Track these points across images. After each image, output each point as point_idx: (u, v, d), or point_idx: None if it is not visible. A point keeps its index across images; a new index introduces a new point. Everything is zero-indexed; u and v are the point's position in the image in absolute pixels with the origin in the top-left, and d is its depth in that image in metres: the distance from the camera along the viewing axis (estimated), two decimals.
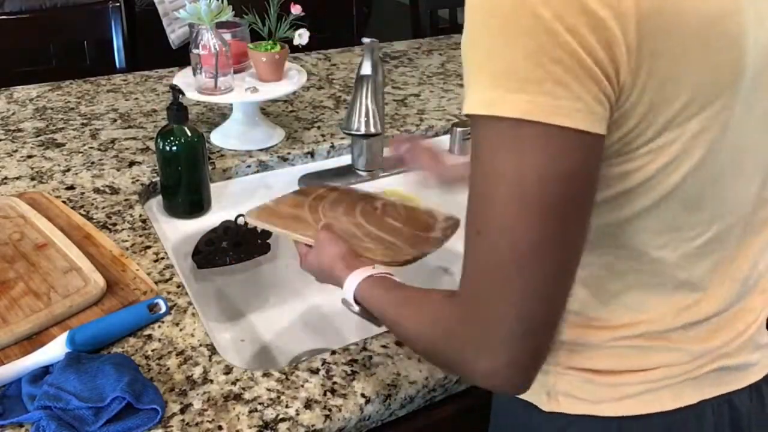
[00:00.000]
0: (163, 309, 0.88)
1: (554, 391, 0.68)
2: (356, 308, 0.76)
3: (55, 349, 0.78)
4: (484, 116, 0.51)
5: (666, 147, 0.56)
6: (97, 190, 1.16)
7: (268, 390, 0.78)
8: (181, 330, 0.86)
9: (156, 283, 0.93)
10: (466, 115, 0.54)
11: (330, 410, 0.76)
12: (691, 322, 0.66)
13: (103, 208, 1.11)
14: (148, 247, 1.02)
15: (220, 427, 0.73)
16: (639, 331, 0.65)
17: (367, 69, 1.14)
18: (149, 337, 0.85)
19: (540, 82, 0.49)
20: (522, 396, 0.70)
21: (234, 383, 0.79)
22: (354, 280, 0.76)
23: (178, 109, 1.06)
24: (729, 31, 0.54)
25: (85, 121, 1.41)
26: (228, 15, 1.19)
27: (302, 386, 0.79)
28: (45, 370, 0.78)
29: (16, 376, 0.77)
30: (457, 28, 2.21)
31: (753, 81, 0.58)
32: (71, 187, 1.17)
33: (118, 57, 1.78)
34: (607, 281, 0.64)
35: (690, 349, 0.66)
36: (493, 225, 0.53)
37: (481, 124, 0.52)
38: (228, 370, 0.81)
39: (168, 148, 1.07)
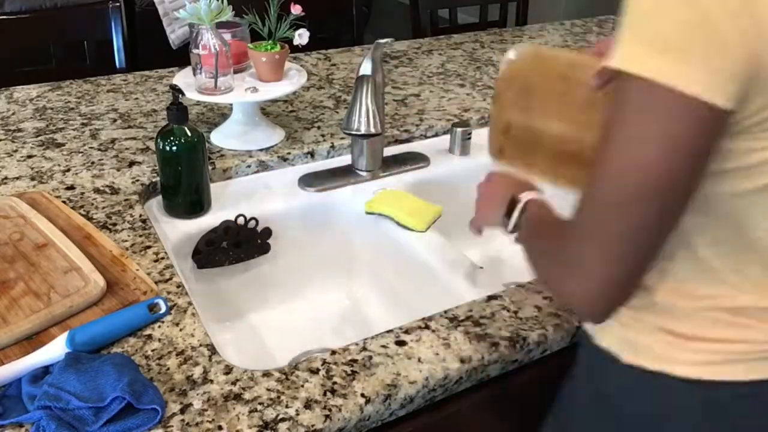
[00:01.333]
0: (163, 309, 0.88)
1: (636, 345, 0.72)
2: (514, 222, 0.83)
3: (55, 349, 0.79)
4: (624, 71, 0.57)
5: None
6: (97, 190, 1.16)
7: (268, 390, 0.78)
8: (181, 330, 0.86)
9: (156, 283, 0.93)
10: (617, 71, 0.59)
11: (330, 410, 0.76)
12: None
13: (103, 208, 1.11)
14: (148, 247, 1.02)
15: (220, 427, 0.73)
16: (726, 305, 0.69)
17: (367, 69, 1.14)
18: (149, 337, 0.85)
19: (685, 51, 0.55)
20: (606, 346, 0.75)
21: (234, 383, 0.79)
22: (526, 195, 0.84)
23: (178, 109, 1.06)
24: None
25: (85, 121, 1.41)
26: (228, 15, 1.19)
27: (302, 386, 0.79)
28: (45, 370, 0.78)
29: (16, 376, 0.77)
30: (457, 28, 2.21)
31: None
32: (71, 187, 1.17)
33: (118, 57, 1.78)
34: (708, 252, 0.67)
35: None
36: (614, 165, 0.60)
37: (622, 77, 0.58)
38: (228, 370, 0.81)
39: (168, 148, 1.07)
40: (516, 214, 0.84)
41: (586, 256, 0.63)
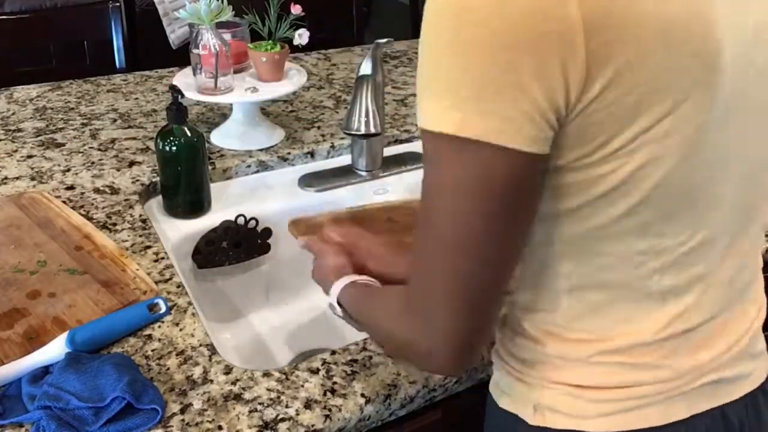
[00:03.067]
0: (163, 309, 0.88)
1: (540, 405, 0.68)
2: (339, 311, 0.78)
3: (55, 349, 0.79)
4: (425, 129, 0.55)
5: (636, 150, 0.55)
6: (97, 190, 1.16)
7: (268, 390, 0.78)
8: (181, 330, 0.86)
9: (156, 283, 0.93)
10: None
11: (330, 410, 0.76)
12: (677, 332, 0.65)
13: (103, 208, 1.11)
14: (148, 247, 1.02)
15: (220, 427, 0.73)
16: (624, 344, 0.64)
17: (367, 69, 1.14)
18: (149, 337, 0.85)
19: (477, 100, 0.51)
20: (510, 409, 0.71)
21: (234, 383, 0.79)
22: (339, 285, 0.79)
23: (177, 109, 1.06)
24: (694, 32, 0.53)
25: (85, 121, 1.41)
26: (228, 15, 1.19)
27: (302, 386, 0.79)
28: (45, 370, 0.78)
29: (16, 376, 0.77)
30: None
31: (732, 86, 0.57)
32: (71, 187, 1.17)
33: (118, 57, 1.78)
34: (589, 292, 0.64)
35: (677, 366, 0.65)
36: (432, 224, 0.58)
37: (424, 135, 0.56)
38: (228, 370, 0.81)
39: (168, 148, 1.07)
40: (338, 312, 0.79)
41: (430, 315, 0.60)
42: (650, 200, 0.58)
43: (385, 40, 1.17)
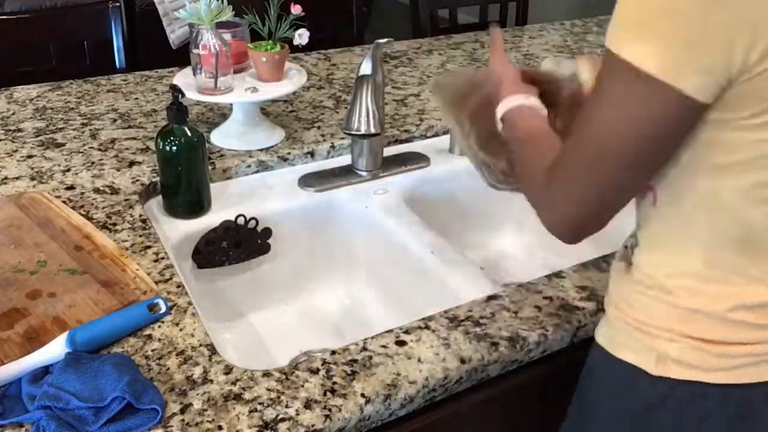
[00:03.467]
0: (163, 309, 0.88)
1: (664, 356, 0.72)
2: (500, 126, 0.88)
3: (55, 349, 0.79)
4: (611, 51, 0.62)
5: None
6: (97, 190, 1.16)
7: (268, 390, 0.78)
8: (181, 330, 0.86)
9: (156, 283, 0.93)
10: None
11: (330, 410, 0.76)
12: None
13: (103, 208, 1.11)
14: (148, 247, 1.02)
15: (220, 427, 0.73)
16: (752, 301, 0.69)
17: (367, 69, 1.14)
18: (149, 337, 0.85)
19: (668, 40, 0.58)
20: (628, 359, 0.74)
21: (234, 383, 0.79)
22: (504, 105, 0.87)
23: (178, 109, 1.06)
24: None
25: (85, 121, 1.41)
26: (228, 15, 1.19)
27: (302, 386, 0.79)
28: (45, 370, 0.78)
29: (16, 376, 0.77)
30: (457, 28, 2.21)
31: None
32: (71, 187, 1.17)
33: (118, 57, 1.78)
34: (724, 249, 0.68)
35: None
36: (590, 130, 0.66)
37: (607, 56, 0.63)
38: (228, 370, 0.81)
39: (168, 148, 1.07)
40: (498, 121, 0.88)
41: (557, 193, 0.70)
42: None
43: (385, 40, 1.17)
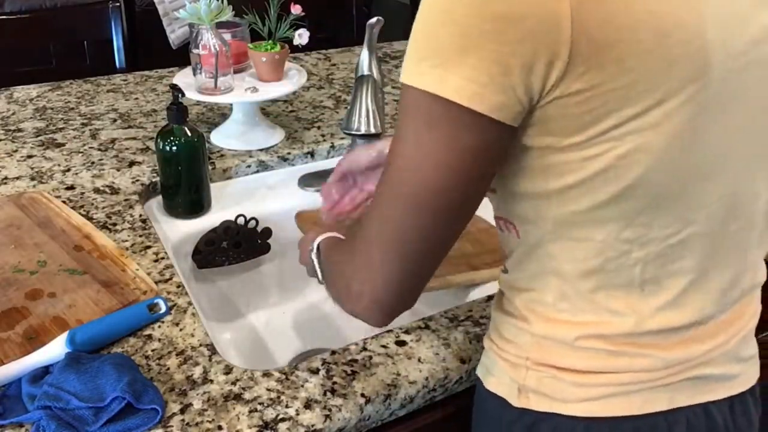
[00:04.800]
0: (163, 309, 0.88)
1: (524, 387, 0.69)
2: (314, 253, 0.81)
3: (55, 349, 0.78)
4: (405, 84, 0.58)
5: (624, 136, 0.56)
6: (97, 190, 1.16)
7: (268, 390, 0.78)
8: (181, 330, 0.86)
9: (156, 283, 0.93)
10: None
11: (330, 410, 0.76)
12: (662, 328, 0.65)
13: (103, 208, 1.11)
14: (148, 247, 1.02)
15: (220, 427, 0.73)
16: (604, 331, 0.65)
17: (365, 57, 1.13)
18: (149, 337, 0.85)
19: (455, 63, 0.54)
20: (496, 391, 0.72)
21: (234, 383, 0.79)
22: (322, 235, 0.82)
23: (178, 109, 1.06)
24: (686, 25, 0.54)
25: (85, 121, 1.41)
26: (228, 15, 1.19)
27: (302, 386, 0.79)
28: (45, 370, 0.78)
29: (16, 376, 0.77)
30: None
31: (727, 83, 0.57)
32: (71, 187, 1.17)
33: (118, 57, 1.78)
34: (575, 275, 0.64)
35: (662, 356, 0.65)
36: (392, 178, 0.60)
37: (404, 88, 0.58)
38: (228, 370, 0.81)
39: (168, 148, 1.07)
40: (313, 258, 0.81)
41: (373, 256, 0.63)
42: (636, 189, 0.58)
43: (375, 19, 1.15)
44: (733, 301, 0.69)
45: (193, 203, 1.14)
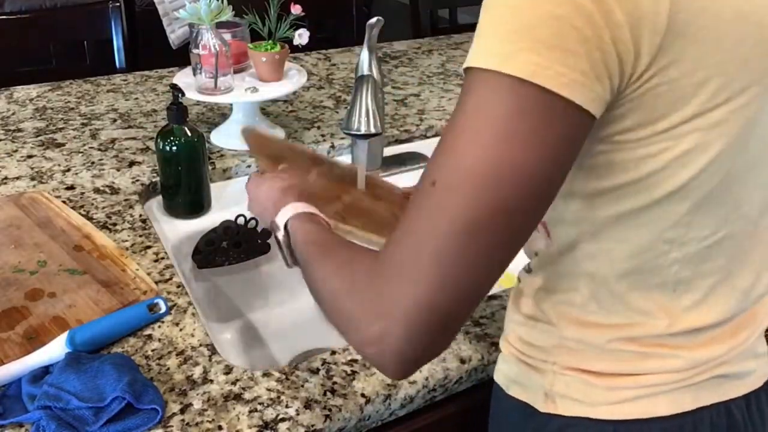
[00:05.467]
0: (163, 309, 0.88)
1: (551, 392, 0.68)
2: (281, 233, 0.73)
3: (55, 349, 0.78)
4: (486, 70, 0.50)
5: (684, 135, 0.55)
6: (97, 190, 1.16)
7: (268, 390, 0.78)
8: (181, 330, 0.86)
9: (156, 283, 0.93)
10: (467, 69, 0.52)
11: (330, 410, 0.76)
12: (690, 329, 0.65)
13: (103, 208, 1.11)
14: (148, 247, 1.02)
15: (220, 427, 0.73)
16: (636, 333, 0.65)
17: (365, 57, 1.13)
18: (149, 337, 0.85)
19: (552, 48, 0.48)
20: (519, 397, 0.71)
21: (234, 383, 0.79)
22: (293, 209, 0.73)
23: (178, 109, 1.06)
24: (764, 23, 0.54)
25: (85, 121, 1.41)
26: (228, 15, 1.19)
27: (302, 386, 0.79)
28: (45, 370, 0.78)
29: (16, 376, 0.77)
30: (457, 28, 2.21)
31: None
32: (71, 187, 1.17)
33: (118, 57, 1.78)
34: (610, 276, 0.63)
35: (688, 356, 0.65)
36: (453, 180, 0.50)
37: (480, 77, 0.51)
38: (228, 370, 0.81)
39: (168, 148, 1.07)
40: (280, 240, 0.73)
41: (401, 293, 0.51)
42: (687, 189, 0.58)
43: (375, 19, 1.15)
44: (754, 301, 0.69)
45: (193, 203, 1.14)
